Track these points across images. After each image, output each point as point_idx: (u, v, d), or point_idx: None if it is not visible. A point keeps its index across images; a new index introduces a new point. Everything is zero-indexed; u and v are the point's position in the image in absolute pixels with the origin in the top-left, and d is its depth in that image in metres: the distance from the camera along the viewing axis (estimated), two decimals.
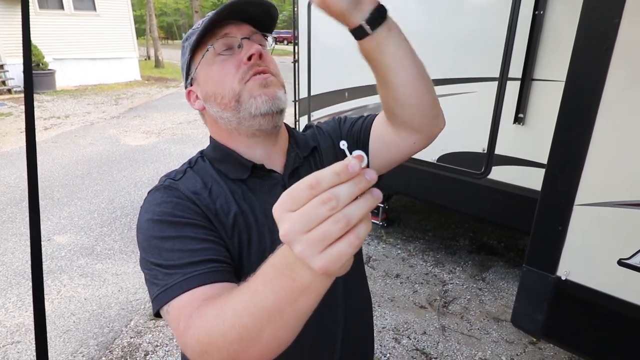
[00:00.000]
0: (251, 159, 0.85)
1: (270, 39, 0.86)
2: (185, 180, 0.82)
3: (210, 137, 0.91)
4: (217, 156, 0.87)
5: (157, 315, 0.71)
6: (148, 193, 0.82)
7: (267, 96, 0.79)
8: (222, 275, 0.69)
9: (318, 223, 0.41)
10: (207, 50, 0.81)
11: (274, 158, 0.88)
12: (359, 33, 0.73)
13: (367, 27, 0.72)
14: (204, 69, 0.83)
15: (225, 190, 0.82)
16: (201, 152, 0.90)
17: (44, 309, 1.42)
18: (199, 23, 0.83)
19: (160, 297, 0.68)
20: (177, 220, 0.74)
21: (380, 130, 0.93)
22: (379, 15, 0.72)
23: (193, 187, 0.80)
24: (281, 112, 0.83)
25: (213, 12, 0.79)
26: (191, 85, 0.87)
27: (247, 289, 0.55)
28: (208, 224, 0.76)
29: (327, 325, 0.89)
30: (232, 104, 0.80)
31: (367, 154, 0.88)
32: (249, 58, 0.79)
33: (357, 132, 0.96)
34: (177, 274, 0.68)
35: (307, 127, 1.04)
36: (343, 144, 0.47)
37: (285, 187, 0.85)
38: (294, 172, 0.89)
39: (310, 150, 0.94)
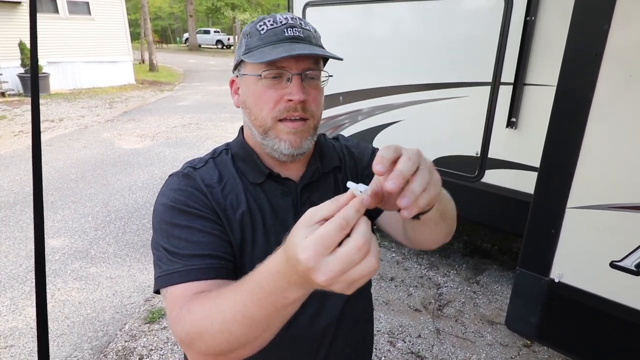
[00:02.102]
0: (269, 167, 0.88)
1: (324, 74, 0.86)
2: (204, 171, 0.86)
3: (241, 129, 0.94)
4: (240, 153, 0.90)
5: (157, 292, 0.78)
6: (169, 176, 0.87)
7: (291, 143, 0.82)
8: (217, 273, 0.74)
9: (355, 265, 0.47)
10: (259, 74, 0.81)
11: (292, 168, 0.91)
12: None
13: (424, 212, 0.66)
14: (249, 81, 0.84)
15: (239, 187, 0.86)
16: (227, 145, 0.94)
17: (46, 314, 1.41)
18: (265, 22, 0.82)
19: (160, 281, 0.75)
20: (188, 210, 0.79)
21: (391, 217, 0.93)
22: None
23: (209, 179, 0.85)
24: (304, 153, 0.86)
25: (277, 39, 0.79)
26: (237, 77, 0.89)
27: (234, 300, 0.60)
28: (216, 218, 0.81)
29: (317, 329, 0.91)
30: (261, 130, 0.84)
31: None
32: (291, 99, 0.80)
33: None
34: (178, 263, 0.74)
35: (334, 138, 1.06)
36: (350, 185, 0.52)
37: (296, 199, 0.88)
38: (310, 185, 0.91)
39: (332, 169, 0.96)
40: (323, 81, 0.86)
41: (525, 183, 2.57)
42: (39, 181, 1.34)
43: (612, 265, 1.74)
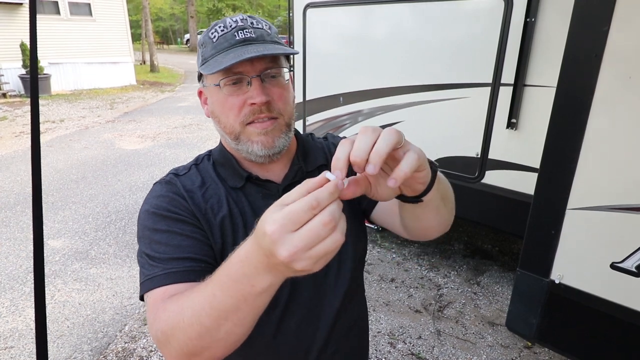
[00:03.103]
0: (248, 169, 0.88)
1: (285, 70, 0.84)
2: (186, 178, 0.88)
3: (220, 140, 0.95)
4: (219, 159, 0.91)
5: (142, 299, 0.78)
6: (153, 184, 0.88)
7: (263, 144, 0.82)
8: (197, 275, 0.73)
9: (319, 242, 0.46)
10: (218, 84, 0.81)
11: (273, 169, 0.90)
12: (411, 200, 0.67)
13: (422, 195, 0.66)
14: (212, 91, 0.84)
15: (221, 192, 0.86)
16: (209, 151, 0.95)
17: (45, 315, 1.41)
18: (216, 28, 0.82)
19: (143, 286, 0.76)
20: (168, 215, 0.80)
21: (389, 207, 0.91)
22: (434, 180, 0.65)
23: (190, 185, 0.86)
24: (279, 152, 0.85)
25: (228, 45, 0.79)
26: (204, 86, 0.89)
27: (205, 292, 0.60)
28: (196, 221, 0.82)
29: (304, 337, 0.90)
30: (232, 137, 0.84)
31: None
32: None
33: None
34: (158, 267, 0.75)
35: (323, 137, 1.05)
36: (327, 174, 0.52)
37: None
38: (292, 185, 0.89)
39: (317, 167, 0.94)
40: (287, 79, 0.85)
41: (526, 184, 2.57)
42: (38, 182, 1.33)
43: (613, 266, 1.73)
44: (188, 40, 36.04)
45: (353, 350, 1.00)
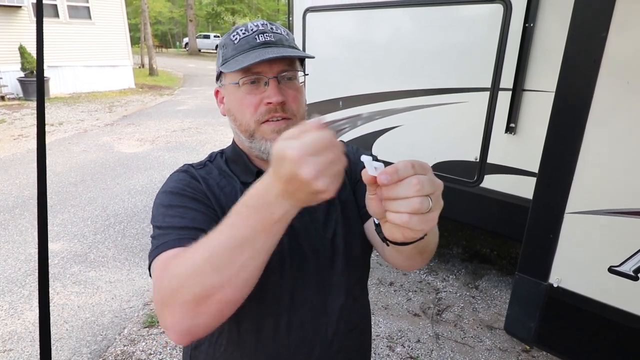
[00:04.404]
0: (259, 166, 0.92)
1: (300, 73, 0.89)
2: (202, 169, 0.92)
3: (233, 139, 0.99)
4: (231, 157, 0.96)
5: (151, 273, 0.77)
6: (169, 176, 0.91)
7: None
8: None
9: (335, 164, 0.52)
10: (237, 82, 0.85)
11: None
12: (382, 238, 0.66)
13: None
14: (230, 89, 0.89)
15: (235, 184, 0.90)
16: (222, 150, 0.99)
17: (49, 316, 1.41)
18: (238, 31, 0.87)
19: (151, 254, 0.76)
20: (184, 193, 0.84)
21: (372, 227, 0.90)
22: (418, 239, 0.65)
23: (206, 174, 0.91)
24: None
25: (250, 46, 0.84)
26: (220, 87, 0.94)
27: (221, 229, 0.61)
28: (210, 203, 0.85)
29: (308, 334, 0.91)
30: (247, 135, 0.88)
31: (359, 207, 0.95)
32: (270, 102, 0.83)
33: (360, 201, 0.95)
34: (171, 234, 0.76)
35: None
36: (365, 158, 0.54)
37: None
38: None
39: None
40: (302, 82, 0.90)
41: (524, 188, 2.58)
42: (43, 184, 1.34)
43: (611, 270, 1.74)
44: (187, 43, 36.08)
45: (356, 350, 1.01)
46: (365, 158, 0.53)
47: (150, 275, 0.76)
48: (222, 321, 0.66)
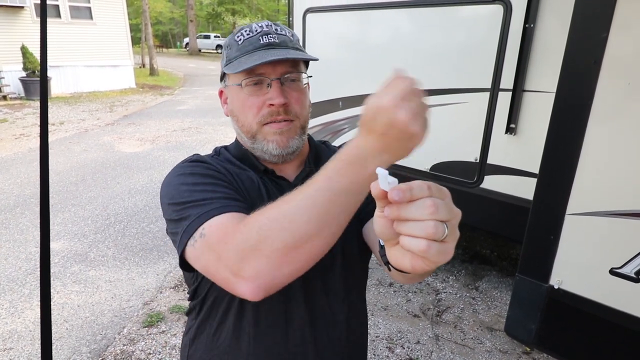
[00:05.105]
0: (264, 164, 0.91)
1: (304, 75, 0.89)
2: (213, 159, 0.90)
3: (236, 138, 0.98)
4: (237, 154, 0.94)
5: (182, 261, 0.75)
6: (176, 165, 0.87)
7: (278, 143, 0.86)
8: None
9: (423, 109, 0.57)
10: (240, 84, 0.85)
11: (285, 170, 0.93)
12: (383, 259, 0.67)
13: None
14: (233, 90, 0.88)
15: (249, 175, 0.89)
16: (225, 146, 0.98)
17: (50, 315, 1.41)
18: (242, 32, 0.86)
19: (195, 223, 0.72)
20: (209, 174, 0.82)
21: (370, 232, 0.89)
22: None
23: (220, 163, 0.88)
24: (293, 152, 0.88)
25: (253, 48, 0.83)
26: (224, 87, 0.93)
27: (311, 186, 0.61)
28: (235, 184, 0.84)
29: (305, 334, 0.91)
30: (249, 136, 0.88)
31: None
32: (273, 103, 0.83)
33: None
34: (215, 202, 0.73)
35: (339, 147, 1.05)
36: (380, 171, 0.47)
37: None
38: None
39: None
40: (306, 84, 0.89)
41: (525, 189, 2.57)
42: (45, 183, 1.33)
43: (612, 272, 1.74)
44: (187, 43, 36.13)
45: (351, 357, 1.00)
46: (380, 170, 0.47)
47: (182, 250, 0.73)
48: (300, 274, 0.65)
